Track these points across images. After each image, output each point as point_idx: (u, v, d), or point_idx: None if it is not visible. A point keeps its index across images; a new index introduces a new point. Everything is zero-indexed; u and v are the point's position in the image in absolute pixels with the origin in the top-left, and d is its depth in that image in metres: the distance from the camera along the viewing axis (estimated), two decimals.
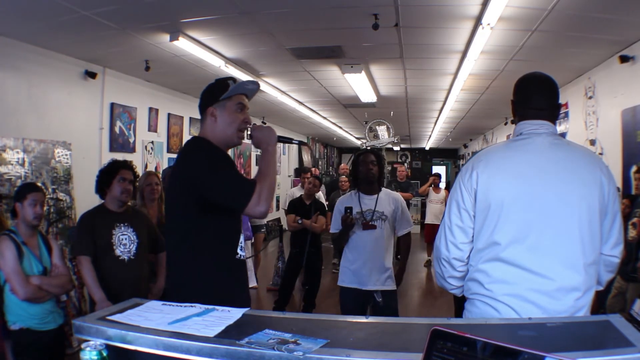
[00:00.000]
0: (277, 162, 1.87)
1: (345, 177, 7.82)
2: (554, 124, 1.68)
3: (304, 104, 8.49)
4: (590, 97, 5.41)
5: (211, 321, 1.29)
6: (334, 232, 3.44)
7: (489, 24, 3.72)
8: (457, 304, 4.15)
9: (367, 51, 5.01)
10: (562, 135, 5.90)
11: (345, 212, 3.24)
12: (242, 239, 1.93)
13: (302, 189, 6.02)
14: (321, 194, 6.73)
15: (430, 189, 8.68)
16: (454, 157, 19.66)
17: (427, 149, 18.15)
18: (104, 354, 1.09)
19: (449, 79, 6.22)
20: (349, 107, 8.78)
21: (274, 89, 6.64)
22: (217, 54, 4.89)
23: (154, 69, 5.24)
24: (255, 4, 3.69)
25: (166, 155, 6.71)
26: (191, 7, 3.70)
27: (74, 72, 4.92)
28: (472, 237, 1.65)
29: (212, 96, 1.93)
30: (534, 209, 1.54)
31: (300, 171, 7.23)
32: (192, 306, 1.44)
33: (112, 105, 5.49)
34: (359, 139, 13.80)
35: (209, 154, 1.83)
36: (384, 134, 10.12)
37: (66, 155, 4.65)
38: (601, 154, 4.94)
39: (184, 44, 4.36)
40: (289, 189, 8.94)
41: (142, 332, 1.22)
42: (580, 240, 1.52)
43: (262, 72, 5.91)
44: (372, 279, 3.27)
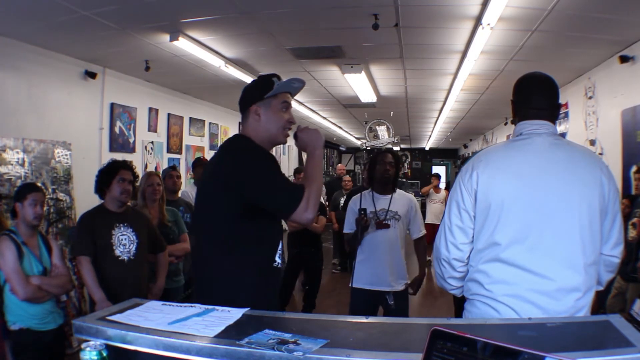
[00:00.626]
0: (322, 167, 1.80)
1: (348, 177, 7.82)
2: (554, 124, 1.68)
3: (304, 104, 8.49)
4: (590, 97, 5.41)
5: (211, 321, 1.29)
6: (348, 232, 3.42)
7: (489, 24, 3.72)
8: (456, 305, 4.15)
9: (367, 51, 5.01)
10: (562, 135, 5.90)
11: (359, 214, 3.21)
12: (281, 245, 1.83)
13: None
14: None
15: (430, 188, 8.70)
16: (454, 157, 19.66)
17: (427, 149, 18.17)
18: (104, 354, 1.09)
19: (449, 79, 6.22)
20: (349, 107, 8.78)
21: None
22: (217, 54, 4.89)
23: (154, 69, 5.24)
24: (255, 4, 3.68)
25: (166, 155, 6.71)
26: (191, 7, 3.70)
27: (74, 72, 4.92)
28: (472, 237, 1.64)
29: (256, 94, 1.84)
30: (534, 209, 1.54)
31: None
32: (192, 306, 1.44)
33: (112, 105, 5.49)
34: (359, 139, 13.80)
35: (256, 155, 1.75)
36: (384, 134, 10.13)
37: (66, 155, 4.65)
38: (601, 154, 4.94)
39: (184, 44, 4.36)
40: None
41: (142, 332, 1.22)
42: (580, 240, 1.52)
43: (262, 72, 5.89)
44: (385, 279, 3.26)
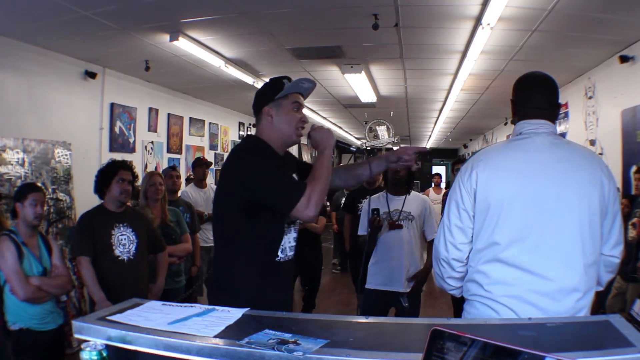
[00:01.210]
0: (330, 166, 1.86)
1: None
2: (554, 123, 1.68)
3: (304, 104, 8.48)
4: (590, 97, 5.41)
5: (211, 321, 1.29)
6: (362, 234, 3.37)
7: (489, 24, 3.72)
8: (455, 305, 4.15)
9: (367, 51, 5.01)
10: (562, 135, 5.90)
11: (372, 214, 3.19)
12: (288, 240, 1.88)
13: None
14: None
15: (430, 189, 8.75)
16: (454, 157, 19.63)
17: (427, 149, 18.16)
18: (104, 354, 1.09)
19: (449, 79, 6.22)
20: (349, 107, 8.78)
21: None
22: (217, 54, 4.89)
23: (154, 69, 5.24)
24: (255, 4, 3.69)
25: (166, 155, 6.71)
26: (191, 7, 3.71)
27: (74, 72, 4.92)
28: (472, 237, 1.64)
29: (267, 96, 1.88)
30: (534, 209, 1.53)
31: None
32: (192, 306, 1.44)
33: (112, 105, 5.49)
34: (359, 139, 13.81)
35: (258, 153, 1.81)
36: (384, 134, 10.13)
37: (66, 155, 4.65)
38: (601, 154, 4.94)
39: (184, 44, 4.36)
40: None
41: (142, 332, 1.21)
42: (580, 240, 1.52)
43: (262, 72, 5.91)
44: (399, 280, 3.25)
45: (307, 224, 4.40)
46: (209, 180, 5.42)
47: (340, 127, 12.48)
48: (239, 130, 9.47)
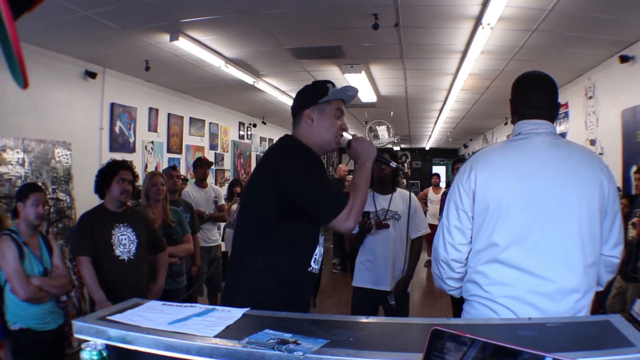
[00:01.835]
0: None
1: (351, 177, 7.82)
2: (553, 123, 1.67)
3: None
4: (590, 97, 5.41)
5: (211, 321, 1.29)
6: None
7: (489, 24, 3.72)
8: (455, 305, 4.15)
9: (367, 51, 5.01)
10: (562, 135, 5.90)
11: (362, 217, 3.20)
12: (319, 251, 1.81)
13: None
14: None
15: (430, 189, 8.74)
16: (454, 157, 19.62)
17: (427, 149, 18.17)
18: (104, 354, 1.09)
19: (449, 79, 6.22)
20: (348, 107, 8.78)
21: (274, 89, 6.64)
22: (217, 54, 4.89)
23: (154, 69, 5.24)
24: (255, 4, 3.69)
25: (166, 155, 6.71)
26: (191, 7, 3.71)
27: (74, 72, 4.92)
28: (471, 238, 1.63)
29: (311, 98, 1.84)
30: (533, 209, 1.53)
31: None
32: (192, 306, 1.44)
33: (112, 105, 5.49)
34: None
35: (306, 158, 1.76)
36: (384, 134, 10.13)
37: (66, 155, 4.65)
38: (601, 154, 4.94)
39: (184, 44, 4.36)
40: None
41: (142, 332, 1.21)
42: (580, 241, 1.51)
43: (262, 72, 5.91)
44: (386, 279, 3.26)
45: (347, 233, 4.41)
46: (208, 180, 5.42)
47: None
48: (239, 130, 9.47)
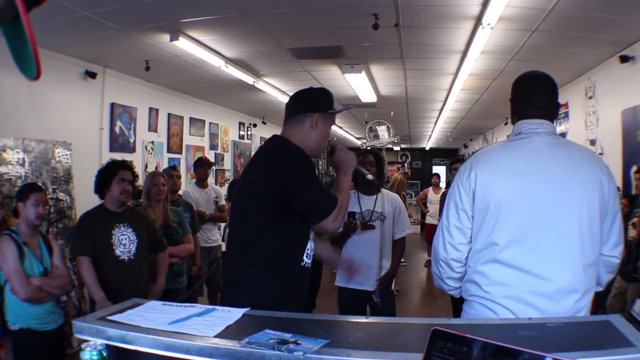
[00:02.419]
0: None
1: None
2: (553, 123, 1.67)
3: None
4: (590, 97, 5.41)
5: (211, 321, 1.29)
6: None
7: (489, 24, 3.72)
8: (455, 305, 4.15)
9: (367, 51, 5.01)
10: (562, 135, 5.90)
11: (347, 218, 3.22)
12: (311, 246, 1.90)
13: None
14: None
15: (430, 189, 8.74)
16: (454, 157, 19.62)
17: (427, 149, 18.16)
18: (104, 354, 1.09)
19: (449, 79, 6.22)
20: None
21: (274, 89, 6.64)
22: (217, 54, 4.89)
23: (154, 69, 5.24)
24: (255, 4, 3.69)
25: (166, 155, 6.71)
26: (191, 7, 3.70)
27: (74, 72, 4.92)
28: (470, 237, 1.63)
29: (319, 106, 1.92)
30: (533, 209, 1.53)
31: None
32: (192, 306, 1.45)
33: (112, 105, 5.49)
34: (359, 139, 13.80)
35: (301, 159, 1.83)
36: (384, 134, 10.13)
37: (66, 155, 4.65)
38: (601, 154, 4.94)
39: (184, 44, 4.36)
40: None
41: (142, 332, 1.22)
42: (579, 241, 1.51)
43: (262, 72, 5.91)
44: (370, 279, 3.26)
45: (332, 233, 4.43)
46: (208, 180, 5.42)
47: (340, 127, 12.48)
48: (239, 130, 9.47)
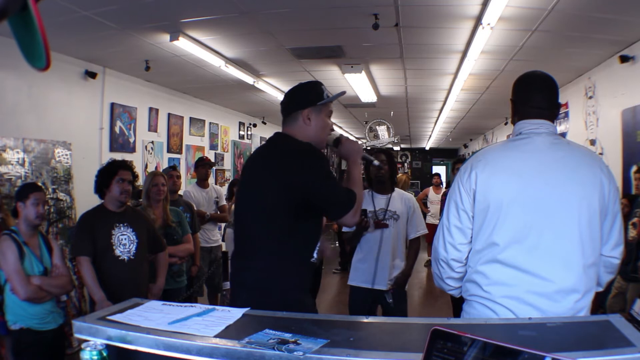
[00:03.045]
0: None
1: None
2: (554, 123, 1.67)
3: None
4: (590, 97, 5.41)
5: (211, 321, 1.29)
6: (346, 231, 3.45)
7: (489, 24, 3.72)
8: (455, 305, 4.15)
9: (367, 51, 5.01)
10: (562, 135, 5.90)
11: (359, 216, 3.22)
12: (319, 242, 1.93)
13: None
14: None
15: (430, 188, 8.74)
16: (454, 157, 19.62)
17: (427, 149, 18.16)
18: (104, 354, 1.09)
19: (449, 79, 6.22)
20: (349, 107, 8.78)
21: (274, 89, 6.64)
22: (217, 54, 4.89)
23: (154, 69, 5.24)
24: (255, 4, 3.68)
25: (166, 155, 6.70)
26: (191, 7, 3.70)
27: (74, 72, 4.92)
28: (471, 238, 1.63)
29: (308, 99, 1.93)
30: (534, 209, 1.53)
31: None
32: (192, 306, 1.45)
33: (112, 105, 5.49)
34: (359, 139, 13.80)
35: (316, 157, 1.85)
36: (384, 134, 10.13)
37: (66, 155, 4.65)
38: (601, 154, 4.94)
39: (184, 44, 4.36)
40: None
41: (142, 332, 1.22)
42: (580, 241, 1.51)
43: (262, 72, 5.90)
44: (383, 278, 3.26)
45: (350, 227, 4.44)
46: (209, 180, 5.42)
47: (340, 127, 12.48)
48: (239, 130, 9.47)
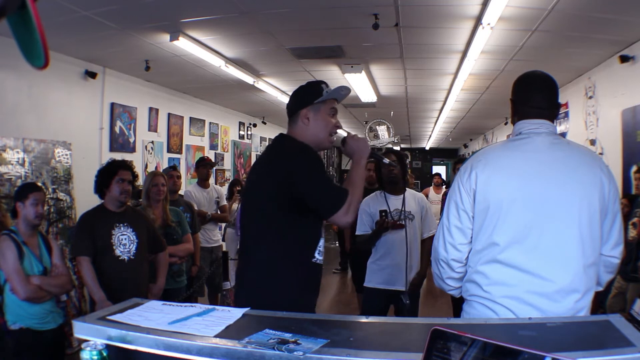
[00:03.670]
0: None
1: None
2: (554, 123, 1.67)
3: None
4: (590, 97, 5.41)
5: (211, 321, 1.29)
6: (361, 234, 3.38)
7: (489, 24, 3.72)
8: (455, 305, 4.14)
9: (367, 51, 5.01)
10: (562, 135, 5.90)
11: (380, 216, 3.20)
12: (322, 243, 1.90)
13: None
14: None
15: (430, 188, 8.72)
16: (454, 157, 19.64)
17: (427, 148, 18.16)
18: (104, 354, 1.09)
19: (449, 79, 6.22)
20: (349, 107, 8.78)
21: (274, 89, 6.64)
22: (217, 54, 4.89)
23: (154, 69, 5.24)
24: (255, 4, 3.68)
25: (166, 155, 6.71)
26: (191, 7, 3.70)
27: (74, 72, 4.92)
28: (471, 238, 1.63)
29: (306, 99, 1.93)
30: (534, 209, 1.53)
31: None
32: (192, 306, 1.45)
33: (112, 105, 5.49)
34: None
35: (308, 155, 1.83)
36: (384, 134, 10.13)
37: (66, 155, 4.65)
38: (601, 154, 4.94)
39: (184, 44, 4.36)
40: None
41: (142, 332, 1.22)
42: (580, 241, 1.51)
43: (262, 72, 5.90)
44: (400, 279, 3.26)
45: (346, 227, 4.43)
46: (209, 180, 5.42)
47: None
48: (239, 130, 9.47)
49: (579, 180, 1.55)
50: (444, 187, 8.83)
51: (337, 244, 8.37)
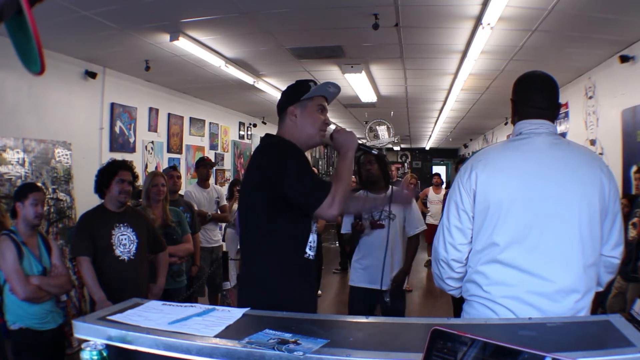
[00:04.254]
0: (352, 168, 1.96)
1: (353, 177, 7.84)
2: (554, 123, 1.67)
3: None
4: (590, 97, 5.41)
5: (211, 321, 1.29)
6: (345, 232, 3.48)
7: (489, 24, 3.72)
8: (455, 305, 4.14)
9: (367, 51, 5.01)
10: (562, 135, 5.90)
11: (354, 219, 3.24)
12: (313, 238, 1.91)
13: None
14: None
15: (430, 189, 8.73)
16: (454, 157, 19.65)
17: (427, 149, 18.17)
18: (104, 354, 1.09)
19: (449, 79, 6.22)
20: (349, 107, 8.78)
21: (274, 89, 6.64)
22: (217, 54, 4.90)
23: (154, 69, 5.24)
24: (255, 4, 3.69)
25: (166, 155, 6.71)
26: (191, 7, 3.70)
27: (74, 72, 4.92)
28: (471, 238, 1.63)
29: (293, 96, 1.93)
30: (534, 209, 1.53)
31: None
32: (192, 306, 1.45)
33: (112, 105, 5.49)
34: (359, 139, 13.82)
35: (287, 151, 1.84)
36: (384, 134, 10.13)
37: (66, 155, 4.65)
38: (601, 154, 4.94)
39: (184, 44, 4.36)
40: None
41: (142, 332, 1.22)
42: (580, 241, 1.51)
43: (262, 72, 5.91)
44: (382, 278, 3.26)
45: (332, 221, 4.44)
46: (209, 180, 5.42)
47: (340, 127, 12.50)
48: (239, 130, 9.47)
49: (579, 180, 1.55)
50: (444, 187, 8.84)
51: (337, 244, 8.38)
